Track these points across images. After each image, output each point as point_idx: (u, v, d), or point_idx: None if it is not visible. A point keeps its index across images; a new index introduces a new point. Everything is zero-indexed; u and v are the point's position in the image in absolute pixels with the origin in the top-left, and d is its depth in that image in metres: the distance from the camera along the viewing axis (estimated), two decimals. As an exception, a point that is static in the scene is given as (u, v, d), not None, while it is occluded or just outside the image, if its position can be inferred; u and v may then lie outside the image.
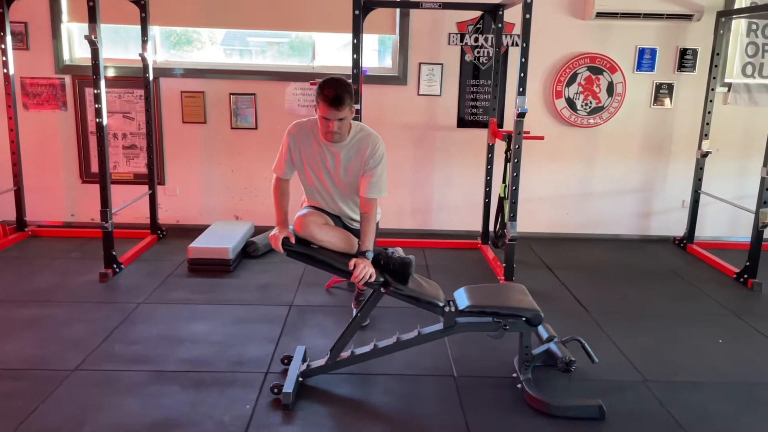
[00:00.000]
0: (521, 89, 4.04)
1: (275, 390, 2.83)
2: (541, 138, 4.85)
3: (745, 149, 5.52)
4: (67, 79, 5.33)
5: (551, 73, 5.37)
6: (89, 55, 4.05)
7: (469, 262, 4.89)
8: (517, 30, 5.22)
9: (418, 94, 5.41)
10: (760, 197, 4.42)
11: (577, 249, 5.35)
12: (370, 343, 2.99)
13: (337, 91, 2.71)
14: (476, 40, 5.32)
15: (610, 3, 5.09)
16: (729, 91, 5.40)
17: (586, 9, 5.20)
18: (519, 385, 2.91)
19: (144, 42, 4.94)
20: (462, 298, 2.88)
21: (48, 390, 2.84)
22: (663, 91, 5.42)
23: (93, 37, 4.00)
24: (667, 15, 5.18)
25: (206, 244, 4.58)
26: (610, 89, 5.37)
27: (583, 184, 5.60)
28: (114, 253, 4.38)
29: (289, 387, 2.78)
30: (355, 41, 4.77)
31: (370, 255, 2.81)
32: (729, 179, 5.54)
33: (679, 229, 5.61)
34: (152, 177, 5.23)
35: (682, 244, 5.47)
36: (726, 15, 5.07)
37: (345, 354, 2.95)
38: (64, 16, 5.26)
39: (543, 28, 5.17)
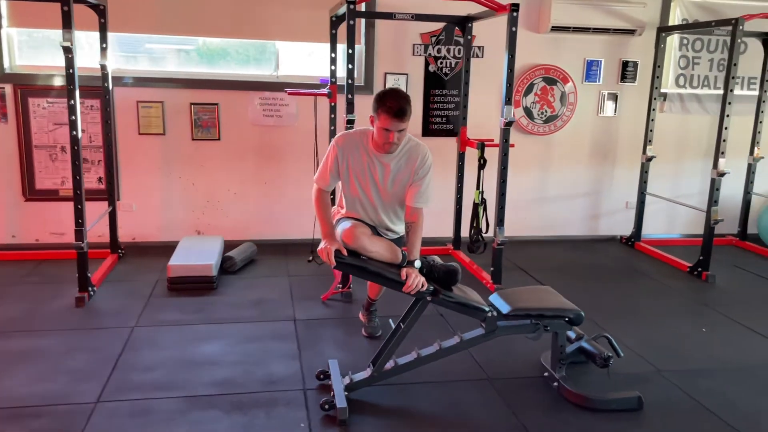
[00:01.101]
0: (508, 99, 4.21)
1: (326, 406, 2.77)
2: (511, 146, 5.04)
3: (678, 153, 6.03)
4: (8, 88, 4.90)
5: (510, 83, 5.60)
6: (35, 63, 3.77)
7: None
8: (478, 42, 5.42)
9: (384, 104, 5.45)
10: (711, 197, 4.86)
11: (539, 251, 5.61)
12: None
13: (400, 103, 2.72)
14: (439, 51, 5.46)
15: (564, 17, 5.39)
16: (665, 100, 5.88)
17: (541, 23, 5.48)
18: (555, 384, 3.03)
19: (103, 50, 4.64)
20: (500, 303, 2.96)
21: (79, 425, 2.62)
22: (608, 101, 5.82)
23: (68, 44, 3.72)
24: (613, 30, 5.56)
25: (186, 261, 4.37)
26: (563, 99, 5.69)
27: (539, 189, 5.88)
28: (89, 275, 4.08)
29: (342, 402, 2.74)
30: (333, 54, 4.79)
31: (418, 264, 2.82)
32: (666, 181, 6.02)
33: (623, 229, 6.04)
34: (111, 193, 4.92)
35: (630, 243, 5.88)
36: (666, 30, 5.54)
37: (388, 365, 2.93)
38: (4, 21, 4.84)
39: (502, 41, 5.38)
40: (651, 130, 5.63)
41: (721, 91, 5.90)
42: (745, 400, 3.03)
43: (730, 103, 4.71)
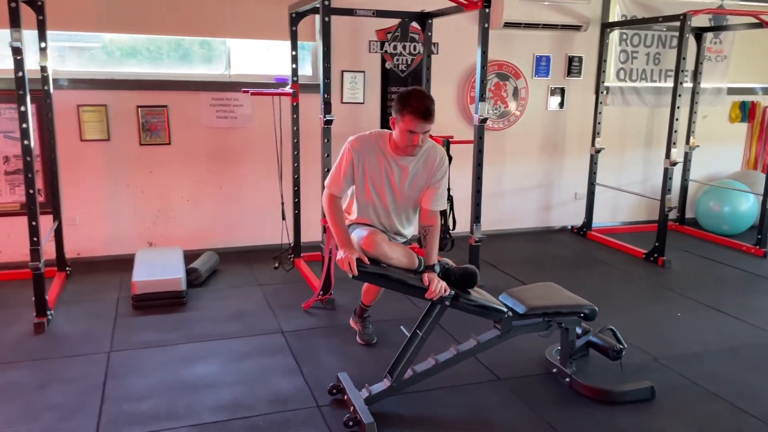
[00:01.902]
0: (482, 95, 4.20)
1: (350, 423, 2.65)
2: (471, 142, 5.06)
3: (620, 144, 6.27)
4: (-73, 93, 4.38)
5: (465, 79, 5.62)
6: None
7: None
8: (433, 38, 5.38)
9: (342, 102, 5.33)
10: (664, 185, 5.08)
11: (500, 245, 5.66)
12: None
13: (426, 103, 2.62)
14: (395, 47, 5.39)
15: (515, 14, 5.46)
16: (607, 93, 6.09)
17: (494, 19, 5.50)
18: (567, 379, 3.05)
19: (43, 50, 4.22)
20: (513, 303, 2.93)
21: (85, 470, 2.36)
22: (556, 95, 5.96)
23: (18, 44, 3.35)
24: (561, 26, 5.70)
25: (152, 276, 4.07)
26: (516, 94, 5.78)
27: (495, 184, 5.94)
28: (47, 297, 3.71)
29: (368, 417, 2.62)
30: (294, 53, 4.63)
31: (438, 269, 2.75)
32: (610, 171, 6.24)
33: (573, 219, 6.22)
34: (57, 206, 4.51)
35: (582, 232, 6.06)
36: (610, 26, 5.73)
37: (407, 374, 2.84)
38: None
39: (456, 37, 5.41)
40: (599, 123, 5.82)
41: (657, 84, 6.25)
42: (740, 380, 3.16)
43: (680, 96, 4.93)
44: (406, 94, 2.67)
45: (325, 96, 3.88)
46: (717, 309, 4.15)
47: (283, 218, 4.85)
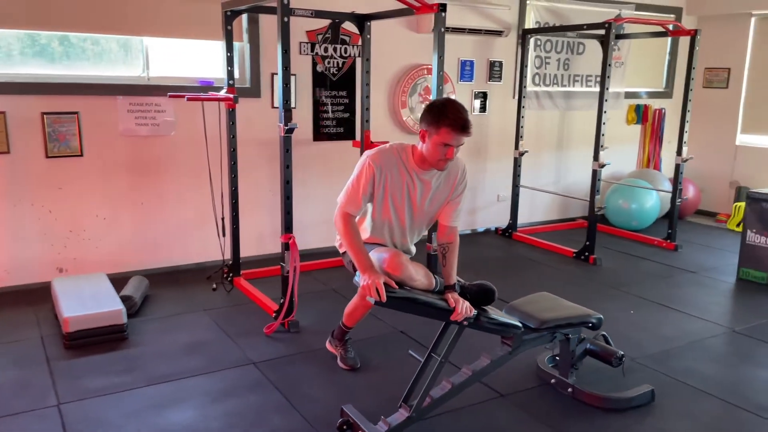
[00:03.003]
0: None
1: (377, 462, 2.43)
2: (417, 148, 4.96)
3: (536, 146, 6.46)
4: None
5: (395, 83, 5.50)
6: None
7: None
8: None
9: (273, 107, 5.00)
10: (593, 186, 5.29)
11: (435, 250, 5.61)
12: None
13: (464, 115, 2.44)
14: (326, 50, 5.15)
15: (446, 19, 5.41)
16: (524, 97, 6.24)
17: (422, 23, 5.45)
18: (569, 390, 3.02)
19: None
20: (523, 317, 2.85)
21: None
22: (480, 99, 6.02)
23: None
24: (485, 31, 5.76)
25: (86, 310, 3.54)
26: (443, 98, 5.74)
27: (424, 189, 5.88)
28: (-38, 345, 3.10)
29: (397, 454, 2.42)
30: (229, 54, 4.28)
31: (458, 288, 2.59)
32: (528, 172, 6.41)
33: (497, 221, 6.33)
34: (-49, 232, 3.80)
35: (507, 234, 6.17)
36: (530, 32, 5.87)
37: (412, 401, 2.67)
38: None
39: (386, 41, 5.28)
40: (522, 126, 5.95)
41: (568, 88, 6.51)
42: (716, 374, 3.32)
43: (607, 100, 5.15)
44: (441, 106, 2.49)
45: (286, 102, 3.57)
46: (660, 303, 4.36)
47: (223, 234, 4.45)
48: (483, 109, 6.06)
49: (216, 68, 4.88)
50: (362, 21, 4.71)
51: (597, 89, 6.47)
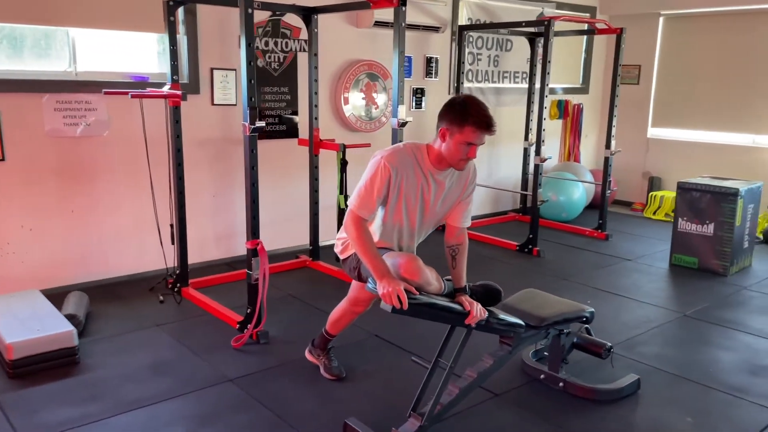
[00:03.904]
0: (401, 98, 4.01)
1: (399, 477, 2.32)
2: (367, 145, 4.86)
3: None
4: None
5: (336, 80, 5.35)
6: None
7: (319, 283, 4.59)
8: (304, 35, 5.03)
9: (213, 104, 4.71)
10: (536, 180, 5.41)
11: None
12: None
13: (488, 113, 2.36)
14: (266, 44, 4.91)
15: (386, 13, 5.33)
16: (458, 93, 6.30)
17: (362, 18, 5.33)
18: (561, 384, 3.04)
19: None
20: (520, 315, 2.83)
21: None
22: (418, 95, 5.99)
23: None
24: (423, 26, 5.73)
25: (32, 334, 3.15)
26: (385, 94, 5.66)
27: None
28: None
29: (419, 467, 2.32)
30: (173, 47, 3.99)
31: (468, 290, 2.52)
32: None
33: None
34: None
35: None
36: (467, 29, 5.91)
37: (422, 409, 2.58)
38: None
39: (325, 35, 5.11)
40: (460, 123, 5.97)
41: (498, 85, 6.64)
42: (680, 356, 3.48)
43: (547, 96, 5.26)
44: (464, 103, 2.39)
45: (252, 100, 3.34)
46: (610, 292, 4.53)
47: (172, 242, 4.13)
48: (419, 105, 6.03)
49: (147, 62, 4.53)
50: (309, 14, 4.53)
51: (525, 85, 6.69)
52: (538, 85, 6.57)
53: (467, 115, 2.37)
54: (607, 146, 5.96)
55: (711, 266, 4.99)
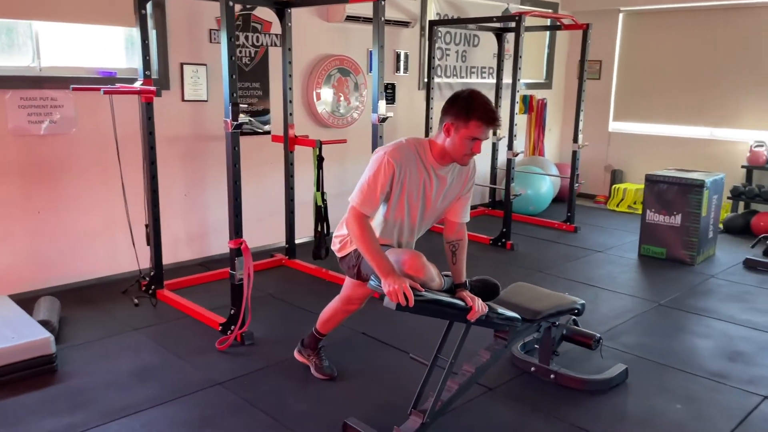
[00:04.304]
0: (381, 93, 3.98)
1: (406, 476, 2.30)
2: (343, 141, 4.81)
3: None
4: None
5: (308, 75, 5.28)
6: None
7: (297, 282, 4.52)
8: (275, 29, 4.95)
9: (183, 100, 4.58)
10: (508, 174, 5.46)
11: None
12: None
13: (493, 108, 2.33)
14: (237, 38, 4.80)
15: (357, 7, 5.28)
16: (432, 89, 6.28)
17: (333, 12, 5.27)
18: (552, 376, 3.07)
19: None
20: (514, 310, 2.84)
21: None
22: (389, 91, 5.96)
23: None
24: (394, 21, 5.70)
25: (6, 341, 3.00)
26: (357, 90, 5.62)
27: (339, 183, 5.72)
28: None
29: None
30: (145, 41, 3.86)
31: (468, 286, 2.51)
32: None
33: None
34: None
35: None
36: (437, 24, 5.91)
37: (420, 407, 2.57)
38: None
39: (297, 30, 5.02)
40: (431, 118, 5.98)
41: (466, 80, 6.66)
42: (661, 344, 3.56)
43: (518, 91, 5.31)
44: (468, 98, 2.36)
45: (234, 96, 3.26)
46: (585, 283, 4.61)
47: (148, 243, 4.00)
48: (391, 100, 6.00)
49: (114, 57, 4.37)
50: (283, 7, 4.44)
51: (492, 81, 6.74)
52: (505, 80, 6.68)
53: (472, 110, 2.35)
54: (575, 140, 6.05)
55: (679, 256, 5.12)
